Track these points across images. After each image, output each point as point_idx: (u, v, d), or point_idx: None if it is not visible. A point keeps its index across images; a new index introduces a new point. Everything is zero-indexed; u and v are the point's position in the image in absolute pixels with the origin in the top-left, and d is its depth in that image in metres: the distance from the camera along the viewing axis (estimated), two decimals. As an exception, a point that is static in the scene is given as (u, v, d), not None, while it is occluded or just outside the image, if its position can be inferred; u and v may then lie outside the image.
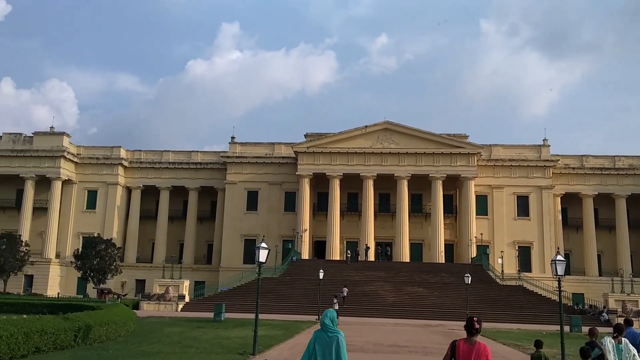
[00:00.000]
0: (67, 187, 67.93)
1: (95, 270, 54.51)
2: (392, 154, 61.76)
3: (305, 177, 62.41)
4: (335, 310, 8.12)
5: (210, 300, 48.36)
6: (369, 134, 62.54)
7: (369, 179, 61.71)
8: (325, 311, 7.93)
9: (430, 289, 51.63)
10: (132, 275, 65.17)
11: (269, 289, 48.77)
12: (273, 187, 66.45)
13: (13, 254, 55.49)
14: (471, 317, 7.40)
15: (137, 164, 69.96)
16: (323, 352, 7.64)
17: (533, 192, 63.32)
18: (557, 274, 19.31)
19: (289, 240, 63.36)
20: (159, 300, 47.74)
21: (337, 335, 7.67)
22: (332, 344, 7.63)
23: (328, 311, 7.90)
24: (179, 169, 69.53)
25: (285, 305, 46.66)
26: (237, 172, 66.66)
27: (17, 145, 66.81)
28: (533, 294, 51.89)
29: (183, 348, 21.06)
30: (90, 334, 20.34)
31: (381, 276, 54.58)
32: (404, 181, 61.46)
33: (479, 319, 7.47)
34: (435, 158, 61.51)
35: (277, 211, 65.85)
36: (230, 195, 66.33)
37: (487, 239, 61.79)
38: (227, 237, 65.27)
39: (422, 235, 63.74)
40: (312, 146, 62.75)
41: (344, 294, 46.87)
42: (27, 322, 17.59)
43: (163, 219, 68.97)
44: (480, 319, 7.53)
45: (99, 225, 66.86)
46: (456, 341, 7.40)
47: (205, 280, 62.70)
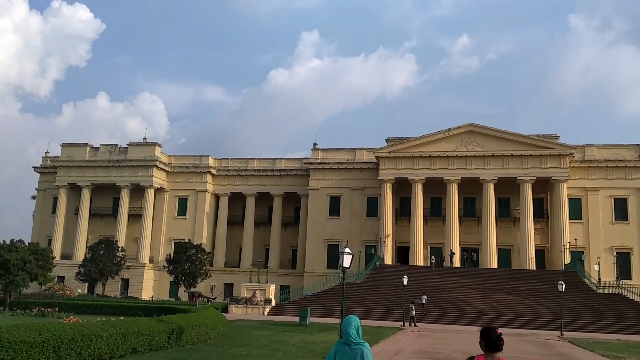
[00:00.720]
0: (159, 194, 71.26)
1: (186, 274, 56.64)
2: (477, 156, 60.05)
3: (387, 182, 61.95)
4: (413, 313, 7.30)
5: (295, 305, 48.93)
6: (452, 137, 61.19)
7: (452, 183, 60.33)
8: (348, 318, 6.65)
9: (521, 296, 49.61)
10: (220, 279, 67.25)
11: (352, 294, 48.68)
12: (355, 192, 66.47)
13: (110, 258, 58.88)
14: (493, 329, 5.79)
15: (224, 171, 72.28)
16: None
17: (632, 195, 59.45)
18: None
19: (372, 246, 63.06)
20: (247, 304, 48.78)
21: (361, 348, 6.53)
22: (355, 357, 6.53)
23: (351, 318, 6.64)
24: (263, 176, 71.15)
25: (368, 311, 46.35)
26: (320, 178, 67.24)
27: (113, 156, 70.91)
28: (634, 302, 48.52)
29: (270, 351, 21.42)
30: (182, 336, 21.12)
31: (468, 283, 53.09)
32: (490, 185, 59.56)
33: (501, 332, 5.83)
34: (523, 160, 59.17)
35: (359, 216, 65.77)
36: (313, 200, 67.00)
37: (581, 244, 58.56)
38: (310, 242, 65.94)
39: (510, 241, 61.44)
40: (394, 151, 62.20)
41: (422, 301, 45.91)
42: (124, 323, 18.53)
43: (249, 224, 70.75)
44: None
45: (189, 231, 69.56)
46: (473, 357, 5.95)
47: (290, 285, 63.57)
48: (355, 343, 6.51)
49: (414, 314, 41.14)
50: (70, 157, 71.14)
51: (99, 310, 41.52)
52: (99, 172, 70.60)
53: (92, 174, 70.54)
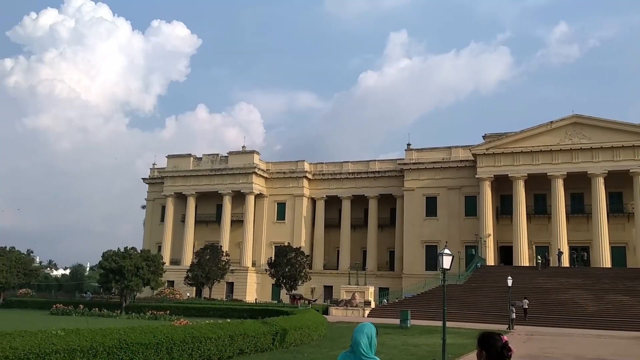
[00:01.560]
0: (259, 200, 73.50)
1: (287, 277, 57.96)
2: (584, 149, 56.70)
3: (486, 179, 59.99)
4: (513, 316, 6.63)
5: (394, 307, 48.61)
6: (554, 130, 58.21)
7: (557, 179, 57.35)
8: (361, 325, 5.45)
9: (637, 297, 46.17)
10: (319, 282, 68.18)
11: (453, 296, 47.61)
12: (452, 191, 64.97)
13: (216, 263, 61.43)
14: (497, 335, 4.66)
15: (319, 175, 73.32)
16: None
17: None
18: None
19: (472, 246, 61.28)
20: (346, 306, 49.11)
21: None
22: None
23: (365, 325, 5.42)
24: (358, 179, 71.38)
25: (470, 313, 45.17)
26: (415, 178, 66.39)
27: (215, 165, 74.04)
28: None
29: (372, 354, 21.41)
30: (286, 338, 21.64)
31: (577, 283, 50.21)
32: (600, 179, 56.01)
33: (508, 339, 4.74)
34: (636, 151, 55.12)
35: (457, 216, 64.19)
36: (409, 201, 66.25)
37: None
38: (407, 244, 65.23)
39: (624, 238, 57.40)
40: (492, 147, 60.15)
41: (524, 306, 43.75)
42: (231, 325, 19.29)
43: (346, 227, 71.22)
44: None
45: (288, 234, 71.15)
46: None
47: (389, 287, 63.25)
48: (365, 356, 5.25)
49: (514, 317, 39.63)
50: (176, 167, 75.13)
51: (206, 313, 43.46)
52: (202, 181, 73.93)
53: (196, 183, 74.05)
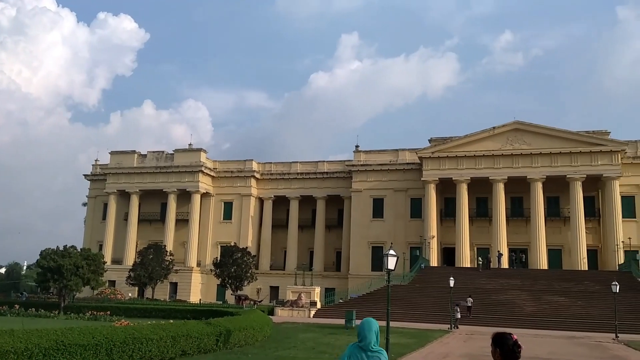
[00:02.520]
0: (205, 199, 72.46)
1: (232, 277, 57.42)
2: (524, 155, 58.70)
3: (431, 182, 61.26)
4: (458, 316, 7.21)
5: (340, 307, 48.92)
6: (497, 136, 60.02)
7: (499, 183, 59.16)
8: (368, 322, 6.05)
9: (572, 298, 48.18)
10: (266, 282, 67.87)
11: (397, 297, 48.34)
12: (398, 193, 65.99)
13: (159, 263, 60.20)
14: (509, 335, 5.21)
15: (267, 175, 72.99)
16: None
17: (690, 191, 56.93)
18: None
19: (416, 247, 62.43)
20: (292, 307, 49.04)
21: (379, 356, 5.93)
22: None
23: (371, 322, 6.04)
24: (306, 179, 71.48)
25: (414, 313, 45.98)
26: (362, 180, 67.07)
27: (160, 162, 72.53)
28: (695, 304, 46.46)
29: (317, 354, 21.46)
30: (230, 339, 21.39)
31: (517, 284, 51.92)
32: (538, 183, 58.12)
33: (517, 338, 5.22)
34: (572, 158, 57.52)
35: (403, 218, 65.26)
36: (356, 203, 66.86)
37: (636, 243, 56.39)
38: (354, 245, 65.81)
39: (560, 241, 59.78)
40: (437, 151, 61.46)
41: (468, 304, 45.10)
42: (174, 326, 18.91)
43: (293, 227, 71.17)
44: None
45: (235, 234, 70.48)
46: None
47: (335, 287, 63.61)
48: (372, 350, 5.93)
49: (459, 317, 40.61)
50: (119, 164, 73.16)
51: (148, 314, 42.48)
52: (146, 179, 72.29)
53: (140, 181, 72.32)
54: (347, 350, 6.03)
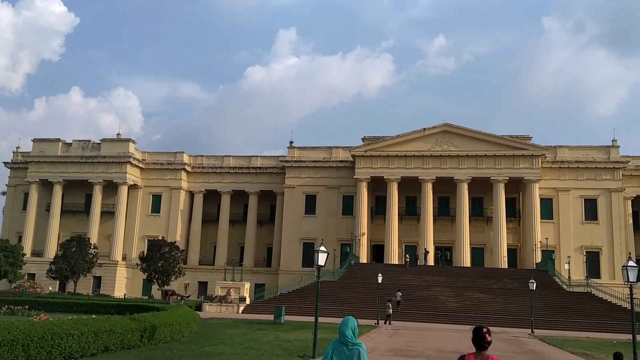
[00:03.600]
0: (132, 191, 70.41)
1: (159, 272, 56.16)
2: (452, 156, 60.68)
3: (363, 180, 62.22)
4: (390, 312, 7.80)
5: (270, 303, 48.89)
6: (427, 137, 61.72)
7: (427, 182, 60.87)
8: (345, 319, 7.02)
9: (493, 295, 50.32)
10: (194, 277, 66.77)
11: (327, 293, 48.78)
12: (331, 190, 66.62)
13: (82, 256, 58.04)
14: (480, 328, 6.34)
15: (199, 168, 71.78)
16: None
17: (602, 195, 60.71)
18: (629, 280, 18.43)
19: (347, 244, 63.27)
20: (221, 302, 48.57)
21: (358, 349, 6.82)
22: (352, 357, 6.83)
23: (349, 319, 7.01)
24: (239, 174, 70.84)
25: (343, 309, 46.48)
26: (296, 176, 67.21)
27: (86, 152, 69.84)
28: (602, 301, 49.67)
29: (244, 349, 21.38)
30: (155, 335, 20.94)
31: (441, 281, 53.65)
32: (464, 184, 60.25)
33: (489, 329, 6.37)
34: (496, 160, 59.99)
35: (335, 215, 65.95)
36: (289, 199, 66.95)
37: (552, 243, 59.61)
38: (286, 241, 65.89)
39: (483, 240, 62.25)
40: (370, 150, 62.50)
41: (397, 299, 46.39)
42: (96, 322, 18.31)
43: (224, 222, 70.39)
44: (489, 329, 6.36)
45: (163, 228, 68.91)
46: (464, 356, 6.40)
47: (265, 283, 63.47)
48: (352, 343, 6.80)
49: (391, 312, 41.39)
50: (42, 152, 69.86)
51: (70, 309, 40.83)
52: (71, 168, 69.43)
53: (64, 170, 69.35)
54: (331, 347, 6.91)
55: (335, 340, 6.96)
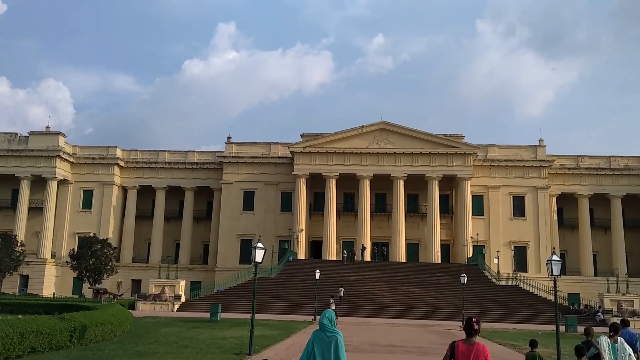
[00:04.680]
0: (62, 187, 67.71)
1: (91, 270, 54.40)
2: (389, 154, 61.80)
3: (302, 177, 62.40)
4: (333, 310, 8.19)
5: (206, 301, 48.29)
6: (365, 134, 62.56)
7: (365, 179, 61.73)
8: (324, 311, 8.02)
9: (426, 289, 51.68)
10: (128, 275, 65.02)
11: (265, 289, 48.75)
12: (269, 187, 66.42)
13: (8, 254, 55.35)
14: (470, 318, 7.41)
15: (133, 163, 69.83)
16: (322, 352, 7.72)
17: (529, 192, 63.45)
18: (553, 274, 19.37)
19: (285, 240, 63.31)
20: (155, 300, 47.64)
21: (335, 335, 7.74)
22: (330, 343, 7.69)
23: (327, 311, 8.00)
24: (175, 169, 69.43)
25: (281, 306, 46.64)
26: (234, 172, 66.60)
27: (12, 145, 66.59)
28: (529, 293, 52.01)
29: (179, 348, 21.04)
30: (86, 334, 20.29)
31: (377, 276, 54.60)
32: (401, 181, 61.50)
33: (478, 319, 7.44)
34: (431, 158, 61.57)
35: (273, 211, 65.82)
36: (227, 195, 66.26)
37: (483, 239, 61.86)
38: (223, 237, 65.19)
39: (418, 236, 63.79)
40: (309, 146, 62.73)
41: (340, 294, 46.92)
42: (22, 322, 17.54)
43: (159, 218, 68.86)
44: (479, 319, 7.49)
45: (95, 225, 66.68)
46: (455, 342, 7.42)
47: (202, 280, 62.64)
48: (330, 331, 7.82)
49: (334, 308, 41.69)
50: (-37, 145, 66.03)
51: (-7, 309, 38.90)
52: (-5, 162, 65.99)
53: (-13, 164, 65.84)
54: (312, 336, 7.92)
55: (316, 330, 7.95)
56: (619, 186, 64.36)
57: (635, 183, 64.28)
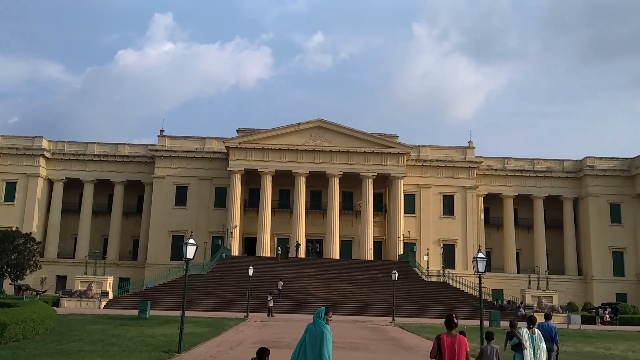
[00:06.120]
0: (-19, 178, 64.06)
1: (12, 265, 51.94)
2: (325, 151, 62.23)
3: (237, 172, 61.85)
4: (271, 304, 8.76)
5: (135, 298, 47.01)
6: (302, 132, 62.73)
7: (301, 176, 61.90)
8: (319, 309, 9.56)
9: (358, 285, 52.45)
10: (52, 271, 62.34)
11: (196, 286, 48.04)
12: (203, 182, 65.43)
13: None
14: (450, 315, 8.81)
15: (60, 155, 66.96)
16: (312, 342, 9.19)
17: (458, 192, 65.57)
18: (478, 270, 20.13)
19: (219, 237, 62.59)
20: (81, 297, 46.21)
21: (322, 329, 9.20)
22: (319, 335, 9.15)
23: (320, 309, 9.51)
24: (104, 162, 67.14)
25: (213, 303, 46.10)
26: (166, 166, 65.15)
27: None
28: (456, 290, 53.78)
29: (105, 346, 20.42)
30: (5, 333, 19.38)
31: (311, 273, 54.92)
32: (336, 179, 62.09)
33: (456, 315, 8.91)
34: (366, 157, 62.49)
35: (206, 207, 64.90)
36: (158, 189, 64.75)
37: (414, 236, 63.42)
38: (154, 233, 63.67)
39: (352, 233, 64.63)
40: (245, 142, 62.24)
41: (279, 287, 47.08)
42: None
43: (87, 213, 66.43)
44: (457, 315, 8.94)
45: (18, 218, 63.52)
46: (440, 335, 8.79)
47: (131, 277, 60.91)
48: (320, 324, 9.27)
49: (272, 305, 41.55)
50: None
51: None
52: None
53: None
54: (307, 327, 9.40)
55: (310, 323, 9.42)
56: (541, 188, 67.59)
57: (556, 185, 67.74)
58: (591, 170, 66.40)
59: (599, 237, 65.29)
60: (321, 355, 9.03)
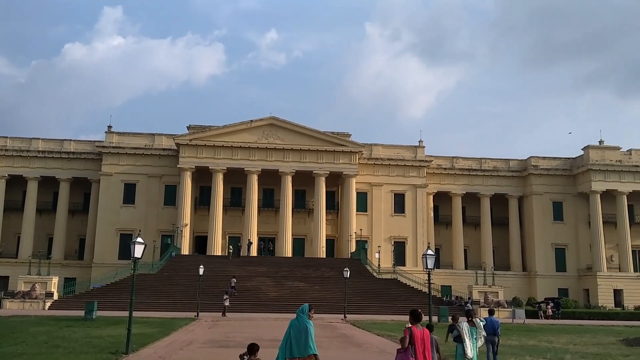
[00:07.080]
0: None
1: (-52, 267, 49.54)
2: (277, 149, 62.07)
3: (187, 170, 60.95)
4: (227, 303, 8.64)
5: (81, 298, 45.75)
6: (254, 129, 62.35)
7: (253, 174, 61.55)
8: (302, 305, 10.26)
9: (310, 283, 52.61)
10: (-8, 272, 59.93)
11: (146, 286, 47.15)
12: (152, 179, 64.17)
13: None
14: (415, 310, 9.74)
15: (2, 151, 64.32)
16: (296, 335, 9.78)
17: (409, 190, 66.60)
18: (427, 267, 20.55)
19: (169, 235, 61.53)
20: (24, 298, 44.74)
21: (306, 324, 9.85)
22: (302, 330, 9.78)
23: (303, 305, 10.20)
24: (49, 158, 64.92)
25: (163, 303, 45.34)
26: (114, 163, 63.58)
27: None
28: (406, 286, 54.66)
29: (50, 348, 19.79)
30: (-60, 337, 18.48)
31: (263, 271, 54.73)
32: (288, 177, 62.03)
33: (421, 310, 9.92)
34: (319, 155, 62.66)
35: (156, 205, 63.69)
36: (106, 187, 63.11)
37: (366, 234, 64.05)
38: (101, 232, 62.05)
39: (304, 231, 64.72)
40: (195, 139, 61.39)
41: (232, 284, 46.74)
42: None
43: (30, 211, 64.11)
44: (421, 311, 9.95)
45: (-46, 217, 60.72)
46: (410, 327, 9.59)
47: (77, 277, 59.29)
48: (303, 320, 9.92)
49: (228, 304, 41.18)
50: None
51: None
52: None
53: None
54: (290, 323, 9.97)
55: (293, 319, 10.00)
56: (488, 186, 69.43)
57: (502, 184, 69.72)
58: (535, 170, 68.67)
59: (542, 234, 67.63)
60: (306, 347, 9.63)
